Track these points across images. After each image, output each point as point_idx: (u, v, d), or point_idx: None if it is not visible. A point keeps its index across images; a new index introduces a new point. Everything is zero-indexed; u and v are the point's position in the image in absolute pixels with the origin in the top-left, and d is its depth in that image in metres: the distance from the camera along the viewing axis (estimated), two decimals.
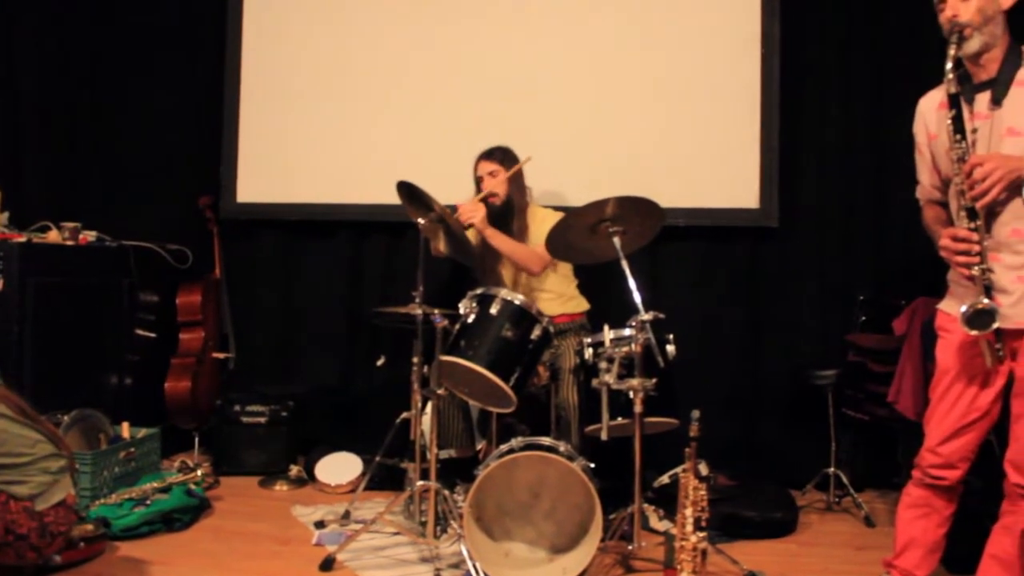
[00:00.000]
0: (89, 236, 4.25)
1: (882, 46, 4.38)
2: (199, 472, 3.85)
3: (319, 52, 4.72)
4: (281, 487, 4.19)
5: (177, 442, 4.50)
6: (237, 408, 4.38)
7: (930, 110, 2.64)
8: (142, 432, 4.00)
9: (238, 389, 4.52)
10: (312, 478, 4.22)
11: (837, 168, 4.43)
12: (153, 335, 4.63)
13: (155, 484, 3.64)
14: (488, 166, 3.90)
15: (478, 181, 3.95)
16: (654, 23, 4.46)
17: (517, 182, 3.90)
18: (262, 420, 4.39)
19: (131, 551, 3.28)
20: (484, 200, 3.76)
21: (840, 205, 4.43)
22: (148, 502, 3.50)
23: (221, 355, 4.68)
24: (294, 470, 4.33)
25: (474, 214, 3.65)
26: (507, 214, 3.84)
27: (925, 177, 2.74)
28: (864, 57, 4.41)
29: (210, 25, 4.87)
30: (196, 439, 4.47)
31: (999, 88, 2.46)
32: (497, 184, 3.85)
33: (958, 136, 2.41)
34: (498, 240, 3.72)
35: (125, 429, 3.95)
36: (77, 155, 4.85)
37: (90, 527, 3.21)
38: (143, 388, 4.48)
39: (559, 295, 3.89)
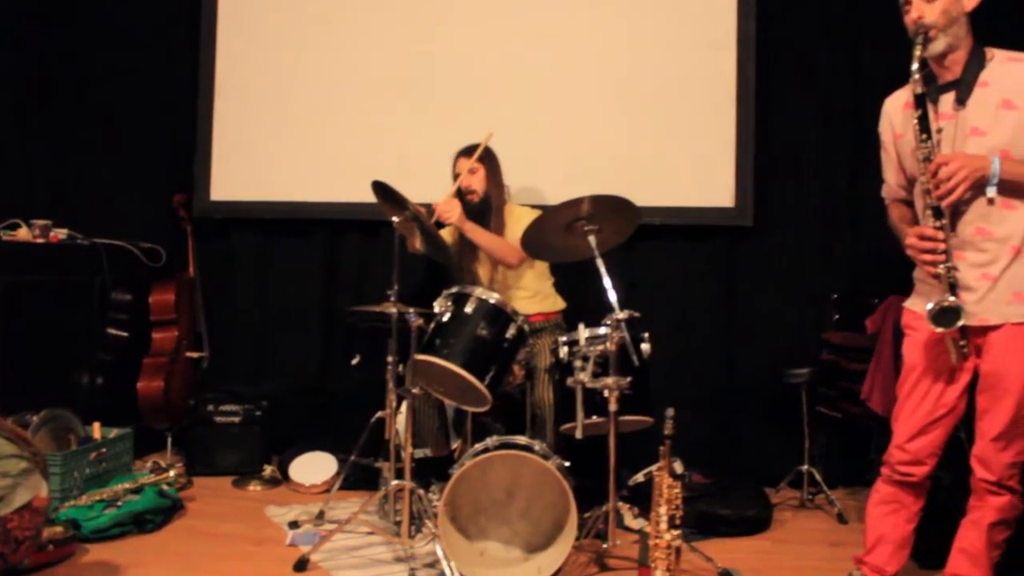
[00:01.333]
0: (60, 234, 4.21)
1: (858, 46, 4.42)
2: (172, 473, 3.81)
3: (294, 49, 4.69)
4: (255, 487, 4.17)
5: (150, 442, 4.45)
6: (211, 408, 4.35)
7: (896, 110, 2.67)
8: (114, 432, 3.96)
9: (212, 389, 4.48)
10: (286, 478, 4.20)
11: (812, 168, 4.46)
12: (126, 334, 4.58)
13: (127, 485, 3.60)
14: (467, 163, 3.89)
15: (456, 178, 3.93)
16: (631, 22, 4.47)
17: (496, 180, 3.90)
18: (236, 420, 4.36)
19: (101, 553, 3.24)
20: (460, 196, 3.75)
21: (814, 204, 4.46)
22: (119, 503, 3.46)
23: (195, 354, 4.64)
24: (268, 470, 4.30)
25: (451, 212, 3.64)
26: (485, 211, 3.83)
27: (891, 176, 2.77)
28: (840, 56, 4.44)
29: (185, 22, 4.82)
30: (169, 439, 4.43)
31: (963, 89, 2.49)
32: (476, 182, 3.84)
33: (924, 135, 2.44)
34: (476, 234, 3.71)
35: (96, 429, 3.91)
36: (49, 152, 4.78)
37: (59, 529, 3.17)
38: (115, 388, 4.43)
39: (535, 293, 3.89)
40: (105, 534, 3.35)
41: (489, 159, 3.89)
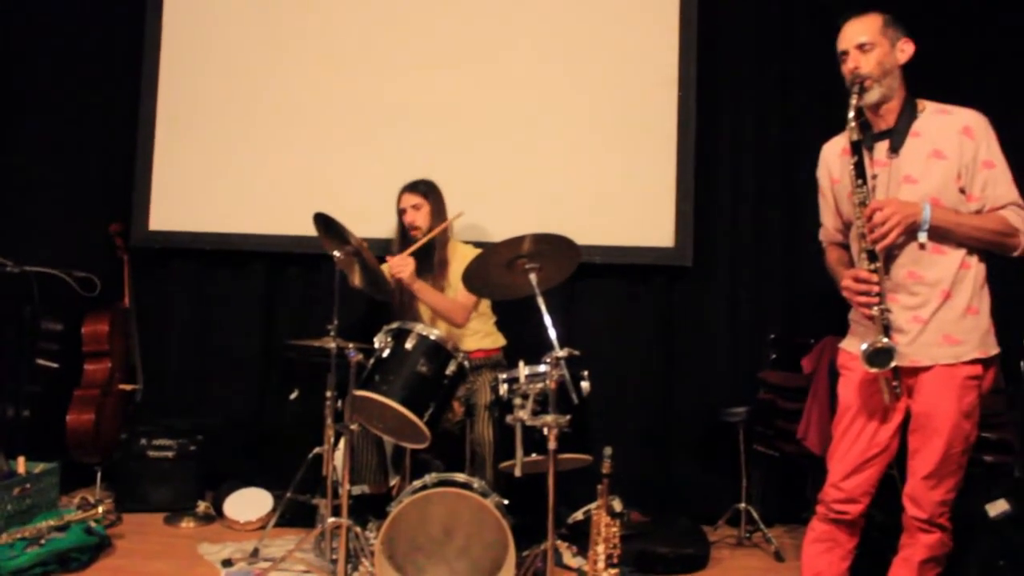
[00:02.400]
0: None
1: (794, 93, 4.53)
2: (100, 509, 3.71)
3: (237, 80, 4.67)
4: (188, 524, 4.07)
5: (78, 478, 4.33)
6: (143, 442, 4.26)
7: (833, 155, 2.75)
8: (39, 467, 3.84)
9: (145, 422, 4.38)
10: (220, 514, 4.11)
11: (750, 209, 4.55)
12: (56, 365, 4.47)
13: (51, 522, 3.49)
14: (412, 198, 3.89)
15: (400, 213, 3.94)
16: (574, 62, 4.53)
17: (439, 218, 3.90)
18: (169, 454, 4.27)
19: None
20: (413, 253, 3.74)
21: (752, 245, 4.54)
22: (43, 541, 3.35)
23: (128, 387, 4.53)
24: (202, 506, 4.21)
25: (403, 269, 3.64)
26: (428, 250, 3.83)
27: (828, 220, 2.84)
28: (778, 100, 4.55)
29: (127, 49, 4.77)
30: (98, 474, 4.30)
31: (896, 138, 2.58)
32: (422, 220, 3.85)
33: (860, 181, 2.52)
34: (425, 294, 3.74)
35: (20, 464, 3.79)
36: None
37: None
38: (43, 421, 4.31)
39: (476, 331, 3.89)
40: (26, 574, 3.23)
41: (433, 195, 3.90)
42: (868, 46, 2.57)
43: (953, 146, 2.53)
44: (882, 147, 2.61)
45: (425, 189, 3.91)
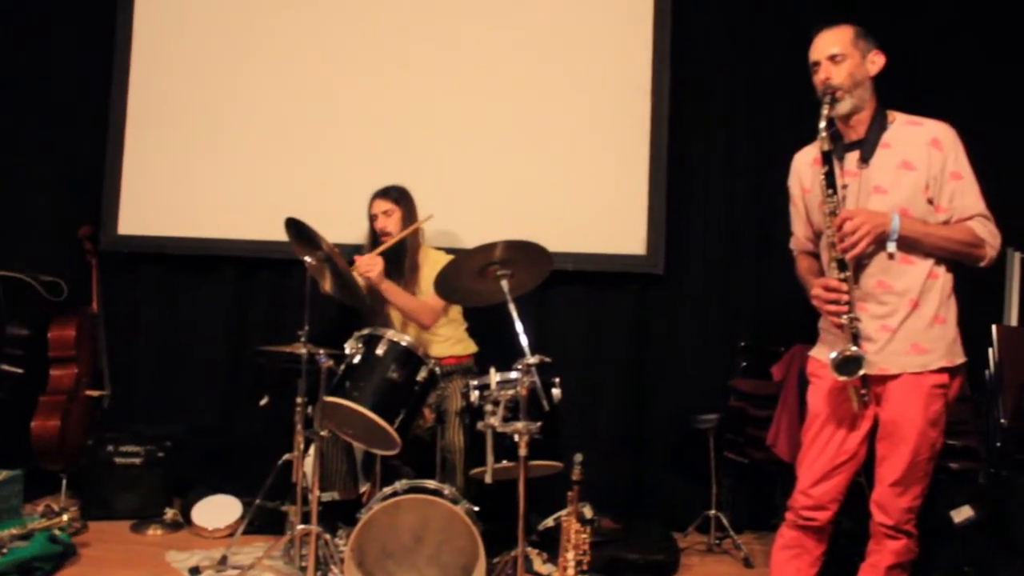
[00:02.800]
0: None
1: (766, 102, 4.58)
2: (65, 517, 3.66)
3: (208, 84, 4.63)
4: (155, 532, 4.02)
5: (42, 485, 4.25)
6: (110, 448, 4.20)
7: (804, 165, 2.78)
8: (2, 475, 3.77)
9: (112, 429, 4.33)
10: (188, 522, 4.07)
11: (721, 217, 4.59)
12: (20, 371, 4.40)
13: (14, 531, 3.44)
14: (383, 204, 3.88)
15: (372, 219, 3.93)
16: (547, 69, 4.54)
17: (411, 223, 3.89)
18: (136, 461, 4.22)
19: None
20: (382, 253, 3.73)
21: (723, 254, 4.58)
22: (5, 550, 3.31)
23: (95, 393, 4.47)
24: (169, 513, 4.16)
25: (371, 268, 3.62)
26: (399, 255, 3.83)
27: (799, 229, 2.87)
28: (749, 109, 4.60)
29: (98, 52, 4.71)
30: (64, 481, 4.24)
31: (867, 148, 2.61)
32: (392, 226, 3.83)
33: (830, 191, 2.54)
34: (393, 295, 3.71)
35: None
36: None
37: None
38: (7, 427, 4.24)
39: (447, 338, 3.89)
40: None
41: (405, 201, 3.89)
42: (839, 57, 2.60)
43: (922, 157, 2.56)
44: (852, 157, 2.64)
45: (396, 195, 3.90)
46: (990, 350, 4.13)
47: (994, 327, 4.15)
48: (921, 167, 2.56)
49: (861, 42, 2.62)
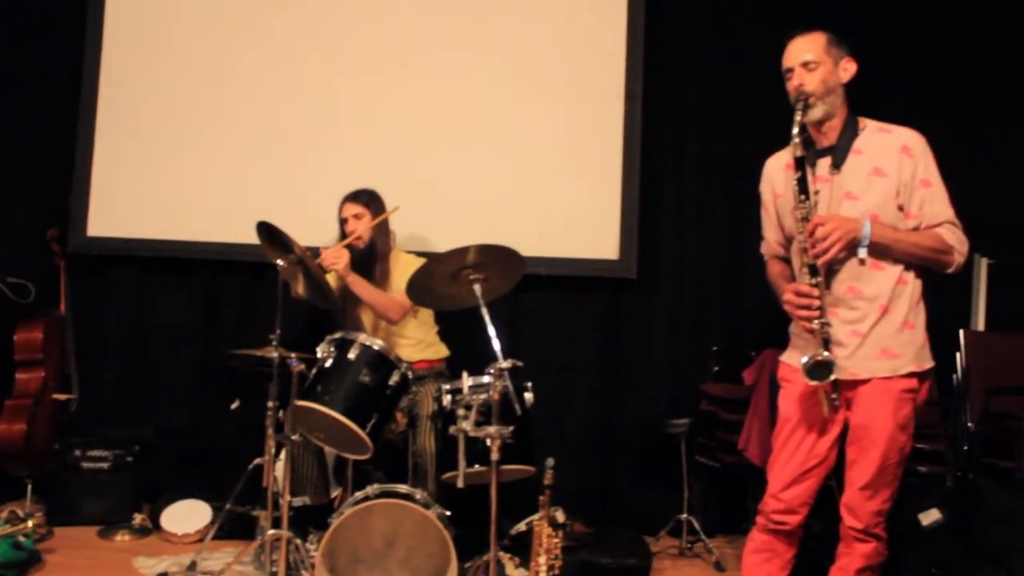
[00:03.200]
0: None
1: (738, 108, 4.62)
2: (30, 523, 3.62)
3: (180, 84, 4.60)
4: (123, 537, 3.98)
5: (7, 491, 4.21)
6: (77, 453, 4.15)
7: (776, 170, 2.80)
8: None
9: (80, 433, 4.28)
10: (157, 527, 4.03)
11: (693, 223, 4.61)
12: None
13: None
14: (353, 208, 3.87)
15: (342, 223, 3.91)
16: (521, 74, 4.55)
17: (382, 227, 3.88)
18: (104, 466, 4.17)
19: None
20: (348, 245, 3.72)
21: (696, 259, 4.60)
22: None
23: (62, 396, 4.41)
24: (138, 519, 4.11)
25: (337, 260, 3.60)
26: (370, 258, 3.81)
27: (770, 234, 2.89)
28: (722, 116, 4.64)
29: (67, 51, 4.66)
30: (29, 487, 4.18)
31: (838, 154, 2.63)
32: (362, 227, 3.82)
33: (803, 196, 2.56)
34: (359, 287, 3.68)
35: None
36: None
37: None
38: None
39: (419, 341, 3.88)
40: None
41: (375, 205, 3.88)
42: (812, 64, 2.61)
43: (893, 164, 2.59)
44: (824, 163, 2.66)
45: (367, 199, 3.89)
46: (958, 355, 4.19)
47: (961, 332, 4.21)
48: (892, 174, 2.58)
49: (834, 49, 2.65)
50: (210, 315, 4.64)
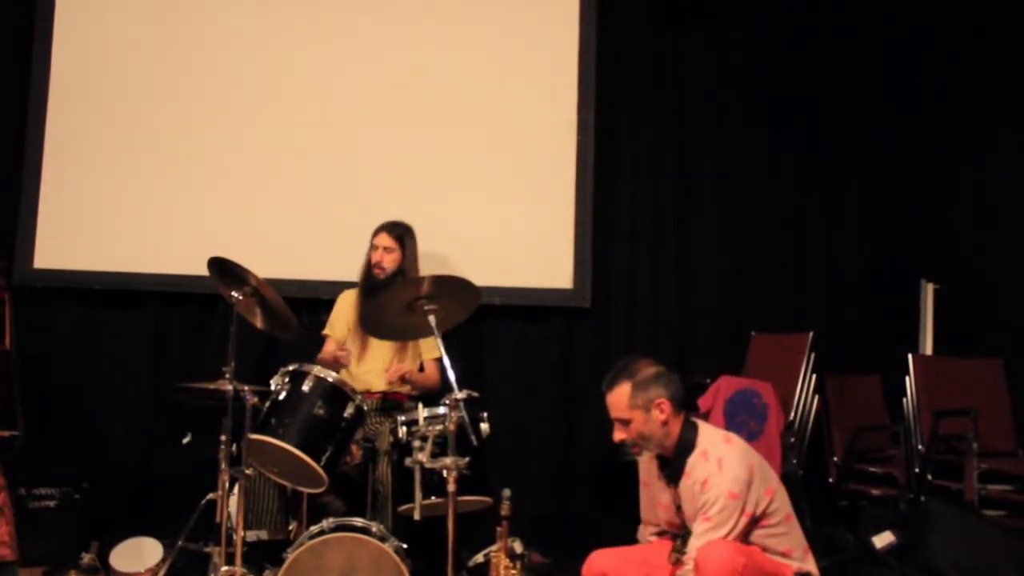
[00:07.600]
0: None
1: (688, 138, 4.68)
2: None
3: (130, 113, 4.56)
4: None
5: None
6: (22, 491, 4.04)
7: (647, 459, 2.92)
8: None
9: (24, 470, 4.17)
10: (106, 566, 3.93)
11: (646, 251, 4.67)
12: None
13: None
14: (385, 240, 3.90)
15: (372, 248, 3.93)
16: (475, 105, 4.59)
17: (407, 262, 3.91)
18: (51, 504, 4.07)
19: None
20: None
21: (649, 287, 4.65)
22: None
23: (5, 433, 4.31)
24: (86, 558, 4.00)
25: (396, 375, 3.76)
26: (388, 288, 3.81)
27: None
28: (675, 147, 4.70)
29: (14, 77, 4.59)
30: None
31: (673, 473, 2.77)
32: (387, 261, 3.87)
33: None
34: (417, 380, 3.84)
35: None
36: None
37: None
38: None
39: (382, 372, 3.86)
40: None
41: (406, 244, 3.92)
42: (624, 421, 2.73)
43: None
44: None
45: (400, 233, 3.92)
46: (907, 379, 4.26)
47: (910, 356, 4.29)
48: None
49: (640, 398, 2.72)
50: (160, 347, 4.58)
